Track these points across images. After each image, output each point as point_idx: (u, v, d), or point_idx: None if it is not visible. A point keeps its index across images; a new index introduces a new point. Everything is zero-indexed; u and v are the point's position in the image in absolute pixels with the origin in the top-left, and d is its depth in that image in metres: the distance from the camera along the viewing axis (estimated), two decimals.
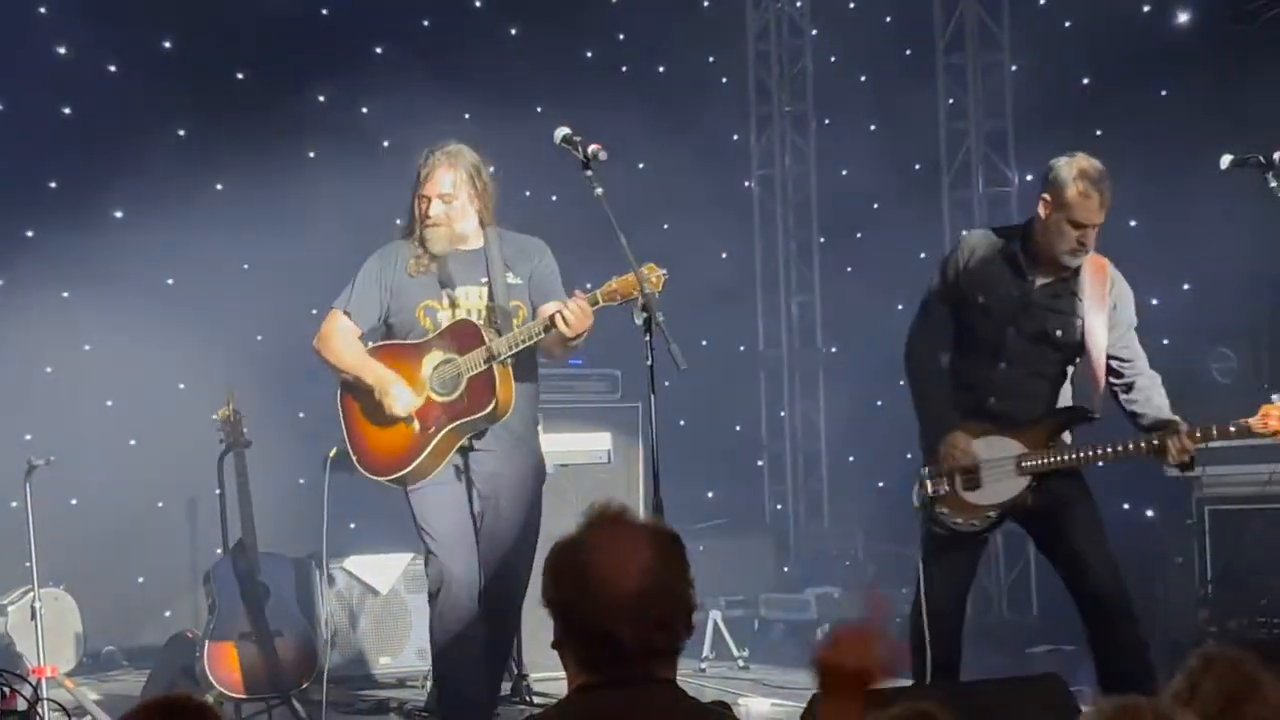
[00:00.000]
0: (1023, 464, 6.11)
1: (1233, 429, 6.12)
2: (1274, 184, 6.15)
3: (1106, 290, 6.28)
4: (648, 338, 5.49)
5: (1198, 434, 6.05)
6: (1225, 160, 6.23)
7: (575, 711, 3.04)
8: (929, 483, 6.18)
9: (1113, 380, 6.29)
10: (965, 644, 6.35)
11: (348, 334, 6.42)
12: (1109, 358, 6.25)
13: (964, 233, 6.55)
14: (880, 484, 11.22)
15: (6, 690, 5.04)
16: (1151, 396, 6.26)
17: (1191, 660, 3.11)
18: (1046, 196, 6.11)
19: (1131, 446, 6.11)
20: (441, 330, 6.26)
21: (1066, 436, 6.27)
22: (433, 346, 6.26)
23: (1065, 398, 6.35)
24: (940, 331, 6.35)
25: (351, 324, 6.42)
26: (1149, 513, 10.68)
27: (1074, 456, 6.12)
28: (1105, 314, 6.24)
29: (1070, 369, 6.32)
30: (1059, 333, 6.19)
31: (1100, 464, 6.16)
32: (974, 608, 6.90)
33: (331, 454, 7.24)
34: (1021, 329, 6.20)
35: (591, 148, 5.70)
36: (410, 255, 6.37)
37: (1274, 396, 6.22)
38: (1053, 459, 6.10)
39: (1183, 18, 10.67)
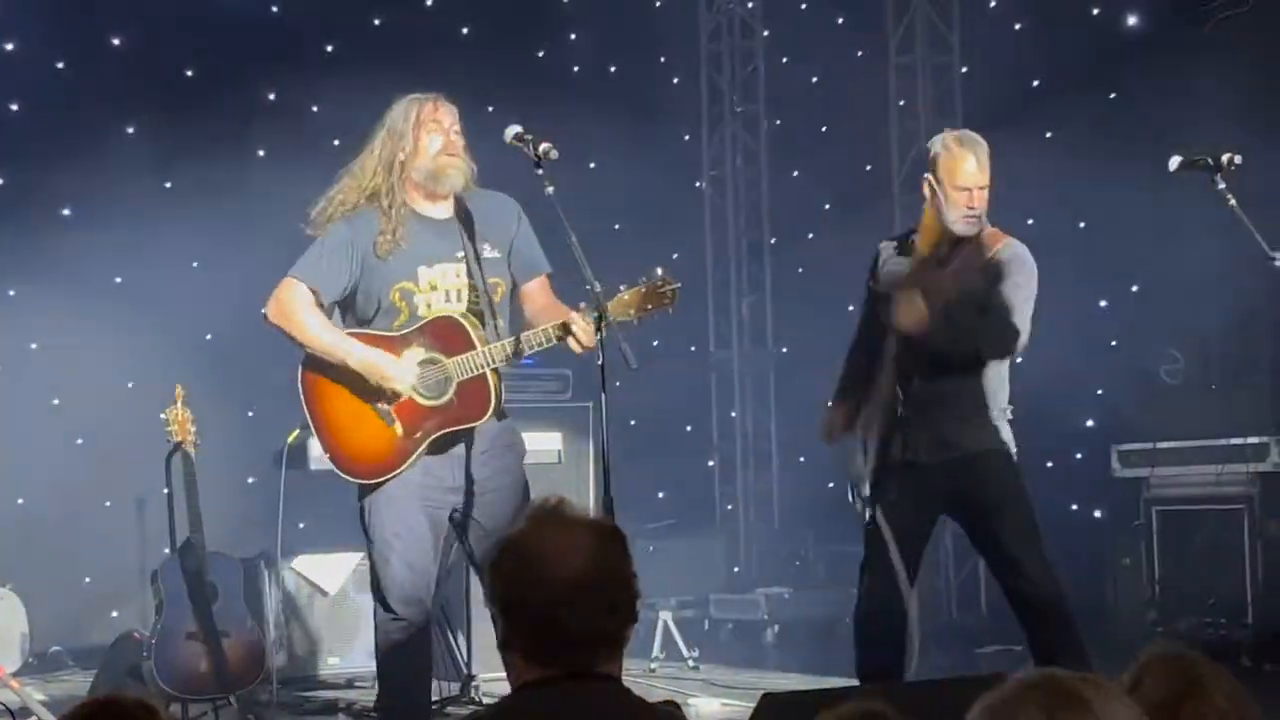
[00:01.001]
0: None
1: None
2: (1221, 186, 6.18)
3: (992, 256, 6.29)
4: (599, 334, 5.48)
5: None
6: (1174, 162, 6.25)
7: (519, 708, 3.03)
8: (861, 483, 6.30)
9: None
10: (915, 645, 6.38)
11: (312, 308, 5.78)
12: None
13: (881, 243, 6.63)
14: (830, 484, 11.21)
15: None
16: None
17: (1140, 657, 3.11)
18: (928, 175, 6.24)
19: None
20: (421, 325, 5.74)
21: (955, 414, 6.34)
22: (412, 342, 5.73)
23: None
24: (867, 339, 6.45)
25: (313, 297, 5.80)
26: (1097, 514, 10.76)
27: None
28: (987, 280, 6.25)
29: None
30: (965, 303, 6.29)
31: None
32: (923, 609, 6.91)
33: (290, 438, 7.07)
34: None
35: (543, 146, 5.61)
36: (377, 226, 5.76)
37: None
38: None
39: (1131, 21, 10.74)
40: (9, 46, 10.32)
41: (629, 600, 3.10)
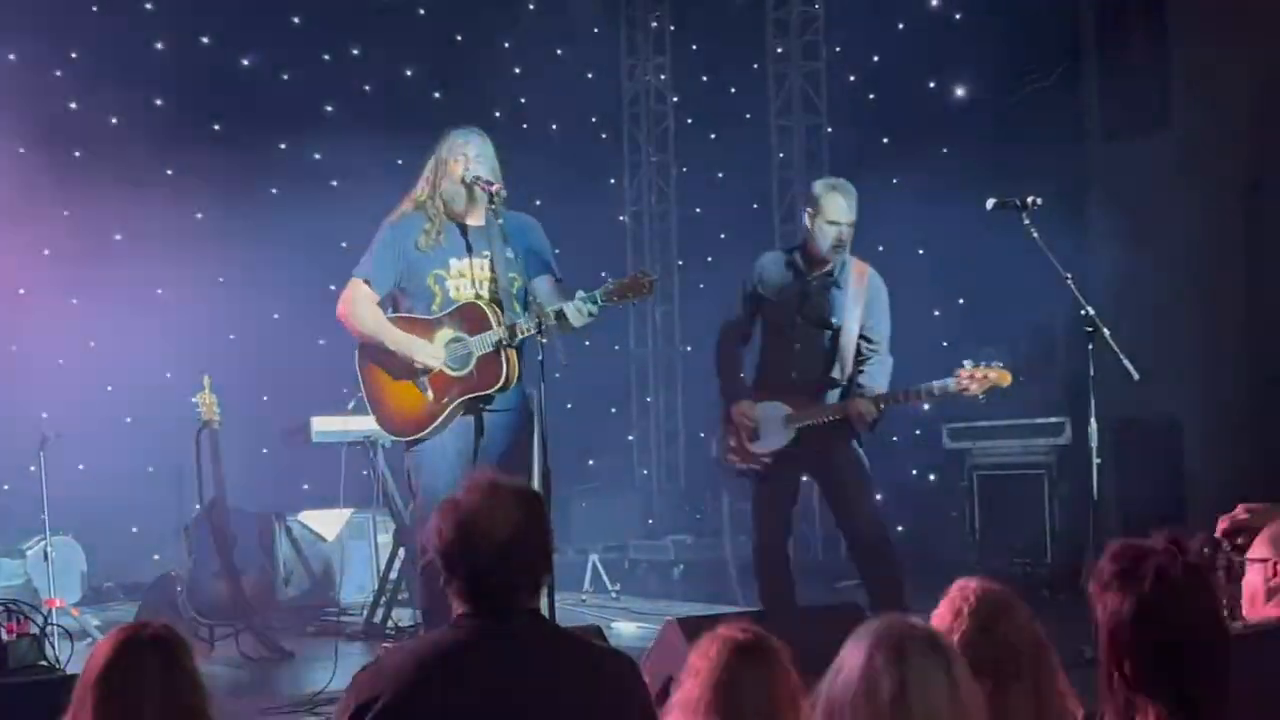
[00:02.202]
0: (789, 421, 6.29)
1: (925, 391, 6.36)
2: (1027, 221, 6.26)
3: (864, 287, 6.46)
4: (543, 340, 5.49)
5: (878, 402, 6.26)
6: (990, 202, 6.34)
7: (455, 635, 3.04)
8: (728, 437, 6.39)
9: (858, 357, 6.46)
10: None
11: (369, 301, 5.81)
12: (860, 338, 6.45)
13: (760, 257, 6.72)
14: None
15: (20, 617, 4.95)
16: (874, 373, 6.45)
17: (951, 589, 3.12)
18: (809, 209, 6.37)
19: (835, 409, 6.28)
20: (451, 310, 5.73)
21: (832, 397, 6.40)
22: (444, 324, 5.73)
23: (836, 369, 6.49)
24: (739, 328, 6.55)
25: (371, 291, 5.81)
26: (931, 478, 10.83)
27: (823, 411, 6.27)
28: (860, 305, 6.42)
29: (839, 344, 6.48)
30: (830, 317, 6.38)
31: (827, 418, 6.25)
32: (796, 550, 6.96)
33: (352, 405, 7.06)
34: (805, 315, 6.38)
35: (494, 187, 5.69)
36: (420, 228, 5.79)
37: (965, 362, 6.33)
38: (809, 418, 6.27)
39: (960, 92, 10.83)
40: (73, 105, 10.21)
41: (546, 557, 3.11)
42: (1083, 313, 6.12)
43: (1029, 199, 6.22)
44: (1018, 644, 2.98)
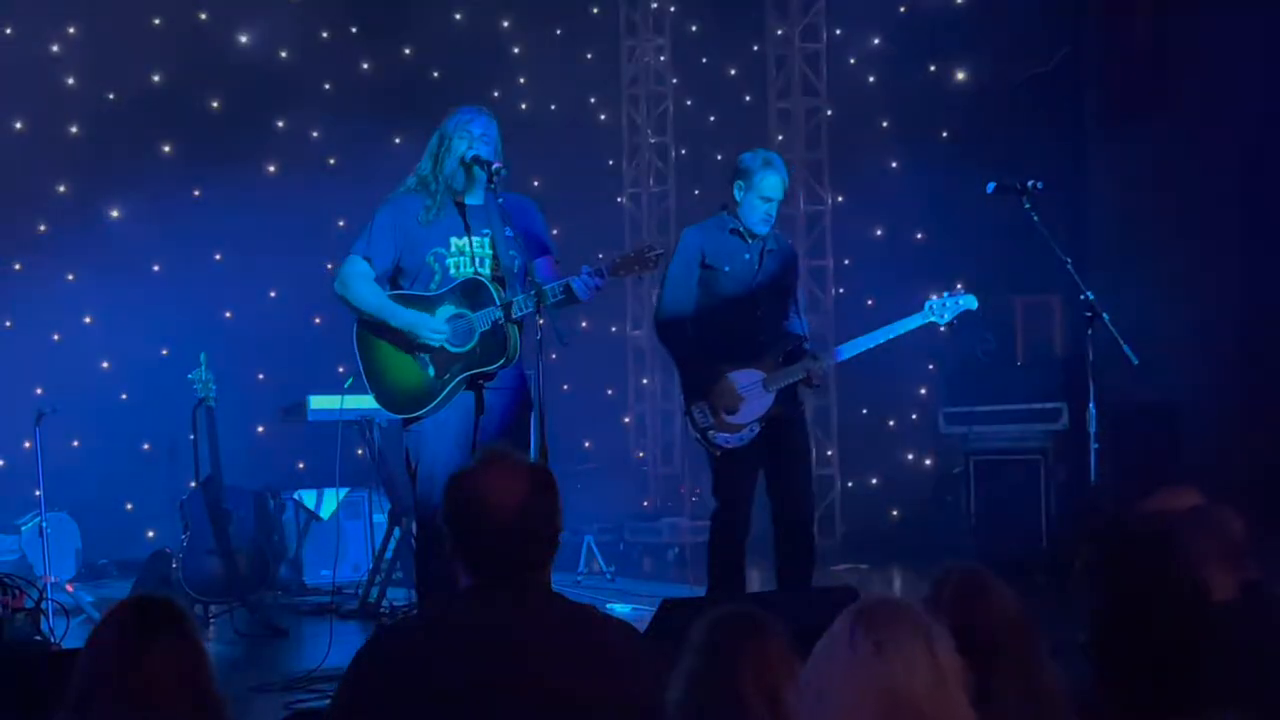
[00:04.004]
0: (767, 384, 6.30)
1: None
2: (1028, 205, 6.26)
3: (783, 250, 6.62)
4: (540, 320, 5.48)
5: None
6: (990, 186, 6.33)
7: (462, 606, 3.05)
8: (697, 416, 6.33)
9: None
10: (782, 561, 6.42)
11: (367, 278, 5.74)
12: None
13: (684, 231, 6.71)
14: None
15: (17, 591, 4.96)
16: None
17: (936, 574, 3.17)
18: (740, 181, 6.36)
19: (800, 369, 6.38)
20: (454, 286, 5.69)
21: (790, 359, 6.46)
22: (445, 300, 5.69)
23: (791, 329, 6.56)
24: (684, 306, 6.50)
25: (369, 268, 5.75)
26: (928, 462, 10.85)
27: (797, 370, 6.32)
28: (790, 269, 6.64)
29: (786, 307, 6.54)
30: (783, 281, 6.44)
31: (799, 377, 6.35)
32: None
33: (349, 384, 7.01)
34: (761, 282, 6.39)
35: (495, 166, 5.67)
36: (422, 205, 5.74)
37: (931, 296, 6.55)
38: (786, 376, 6.29)
39: (960, 76, 10.83)
40: (70, 81, 10.19)
41: (553, 533, 3.12)
42: (1082, 297, 6.12)
43: (1030, 182, 6.22)
44: (1000, 623, 3.03)
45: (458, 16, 11.84)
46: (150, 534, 9.93)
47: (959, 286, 6.74)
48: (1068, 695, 3.10)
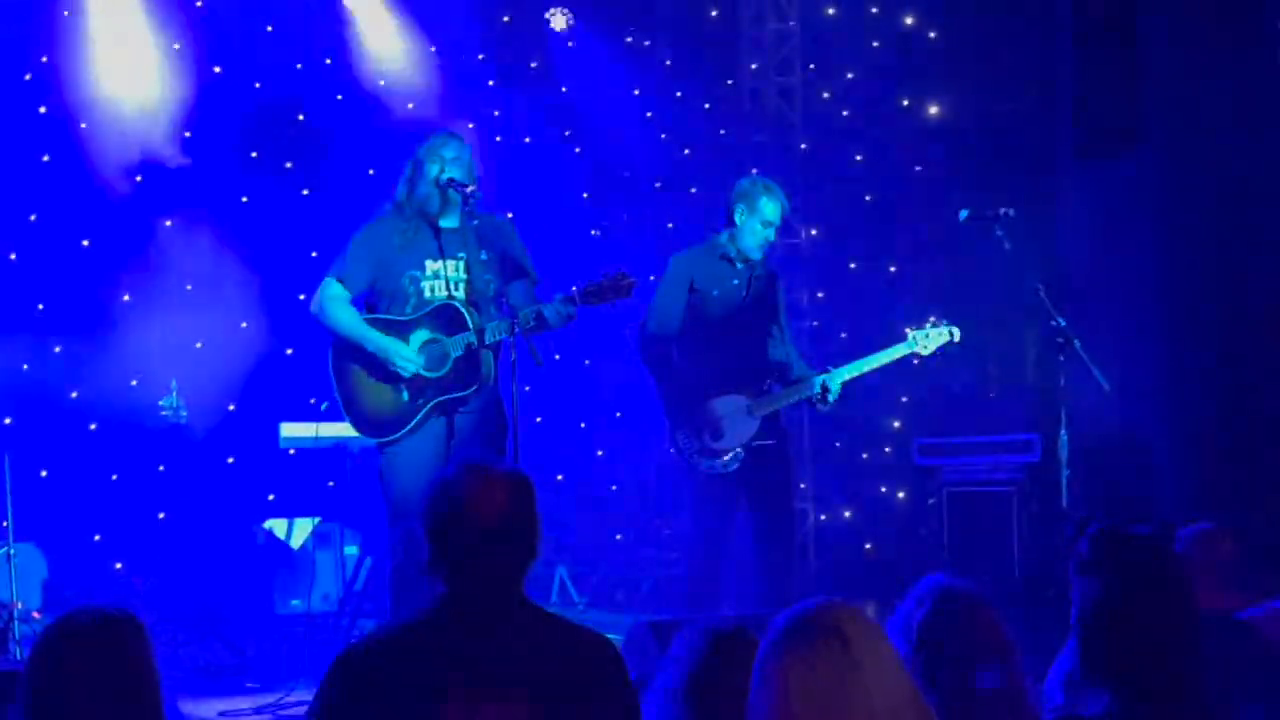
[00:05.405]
0: (752, 410, 6.33)
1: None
2: (1000, 232, 6.34)
3: (774, 274, 6.81)
4: (512, 340, 5.52)
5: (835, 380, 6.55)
6: (963, 214, 6.42)
7: (438, 615, 3.07)
8: (682, 443, 6.38)
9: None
10: (762, 585, 6.45)
11: (342, 301, 5.86)
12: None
13: (673, 257, 6.76)
14: None
15: None
16: (797, 355, 6.78)
17: (917, 589, 3.21)
18: (742, 205, 6.43)
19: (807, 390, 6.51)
20: (427, 311, 5.77)
21: (778, 385, 6.52)
22: (419, 324, 5.78)
23: (779, 355, 6.61)
24: (669, 330, 6.55)
25: (344, 290, 5.86)
26: (900, 495, 10.87)
27: (782, 396, 6.38)
28: (779, 292, 6.81)
29: (775, 332, 6.60)
30: (774, 307, 6.51)
31: (791, 401, 6.40)
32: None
33: (325, 407, 7.02)
34: (750, 308, 6.45)
35: (469, 188, 5.74)
36: (397, 229, 5.86)
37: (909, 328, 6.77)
38: (774, 401, 6.34)
39: (933, 110, 10.92)
40: (41, 110, 10.19)
41: (533, 541, 3.15)
42: (1053, 323, 6.18)
43: (1002, 210, 6.30)
44: (980, 638, 3.07)
45: (432, 48, 11.89)
46: (118, 565, 9.88)
47: (930, 320, 6.80)
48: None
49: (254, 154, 10.94)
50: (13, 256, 10.05)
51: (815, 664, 2.53)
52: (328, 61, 11.23)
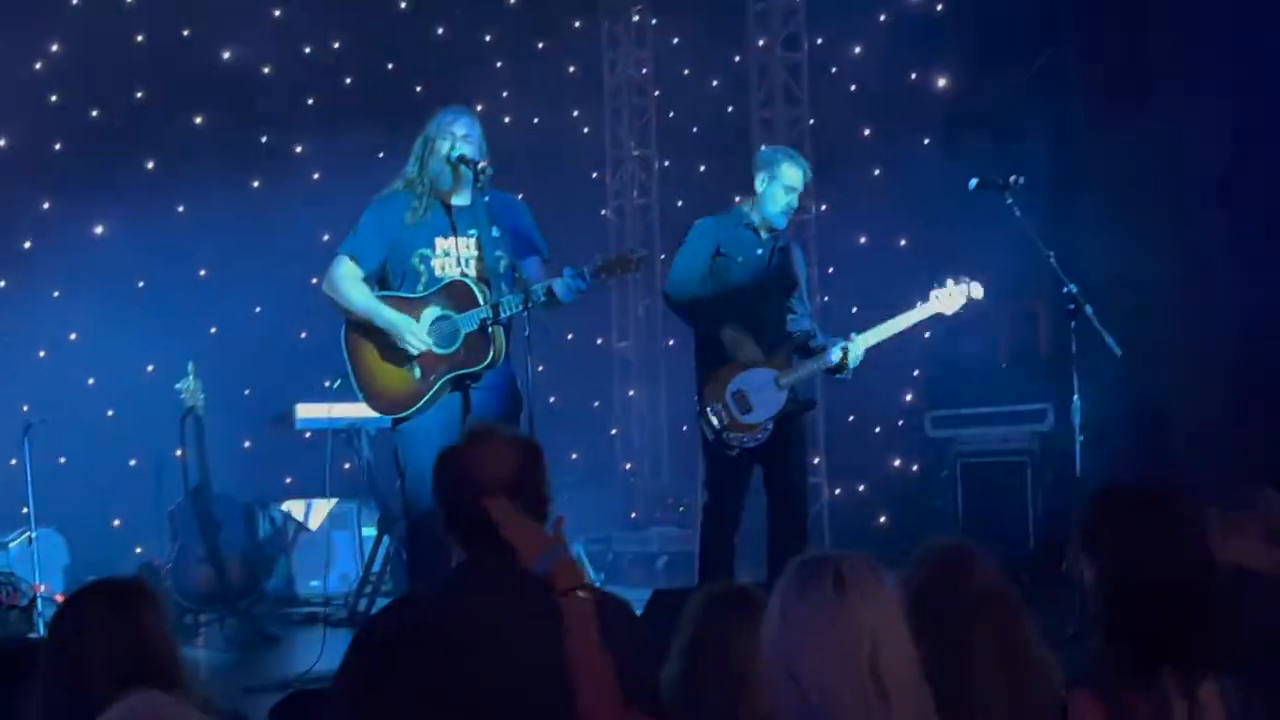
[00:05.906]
0: (780, 381, 6.33)
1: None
2: (1010, 201, 6.35)
3: (793, 244, 6.77)
4: (525, 314, 5.54)
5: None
6: (973, 182, 6.43)
7: (457, 581, 3.12)
8: (713, 417, 6.35)
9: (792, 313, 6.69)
10: (775, 555, 6.47)
11: (355, 278, 5.81)
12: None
13: (696, 222, 6.72)
14: None
15: (11, 589, 5.02)
16: (813, 326, 6.74)
17: (917, 550, 3.25)
18: (765, 173, 6.39)
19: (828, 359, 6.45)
20: (438, 288, 5.75)
21: (797, 355, 6.52)
22: (430, 302, 5.73)
23: (800, 325, 6.61)
24: (696, 277, 6.53)
25: (357, 268, 5.81)
26: (914, 467, 10.90)
27: (807, 365, 6.37)
28: (799, 263, 6.73)
29: (795, 303, 6.59)
30: (796, 278, 6.51)
31: (815, 369, 6.39)
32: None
33: (336, 385, 7.03)
34: (772, 279, 6.45)
35: (481, 164, 5.74)
36: (408, 206, 5.81)
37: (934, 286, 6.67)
38: (798, 371, 6.33)
39: (941, 83, 10.92)
40: (54, 98, 10.24)
41: (544, 502, 3.18)
42: (1065, 290, 6.19)
43: (1012, 178, 6.31)
44: (977, 592, 3.13)
45: (440, 31, 11.92)
46: (138, 550, 9.94)
47: (950, 279, 6.76)
48: (1052, 665, 3.16)
49: (263, 139, 10.99)
50: (27, 245, 10.13)
51: (808, 595, 2.62)
52: (336, 46, 11.27)
